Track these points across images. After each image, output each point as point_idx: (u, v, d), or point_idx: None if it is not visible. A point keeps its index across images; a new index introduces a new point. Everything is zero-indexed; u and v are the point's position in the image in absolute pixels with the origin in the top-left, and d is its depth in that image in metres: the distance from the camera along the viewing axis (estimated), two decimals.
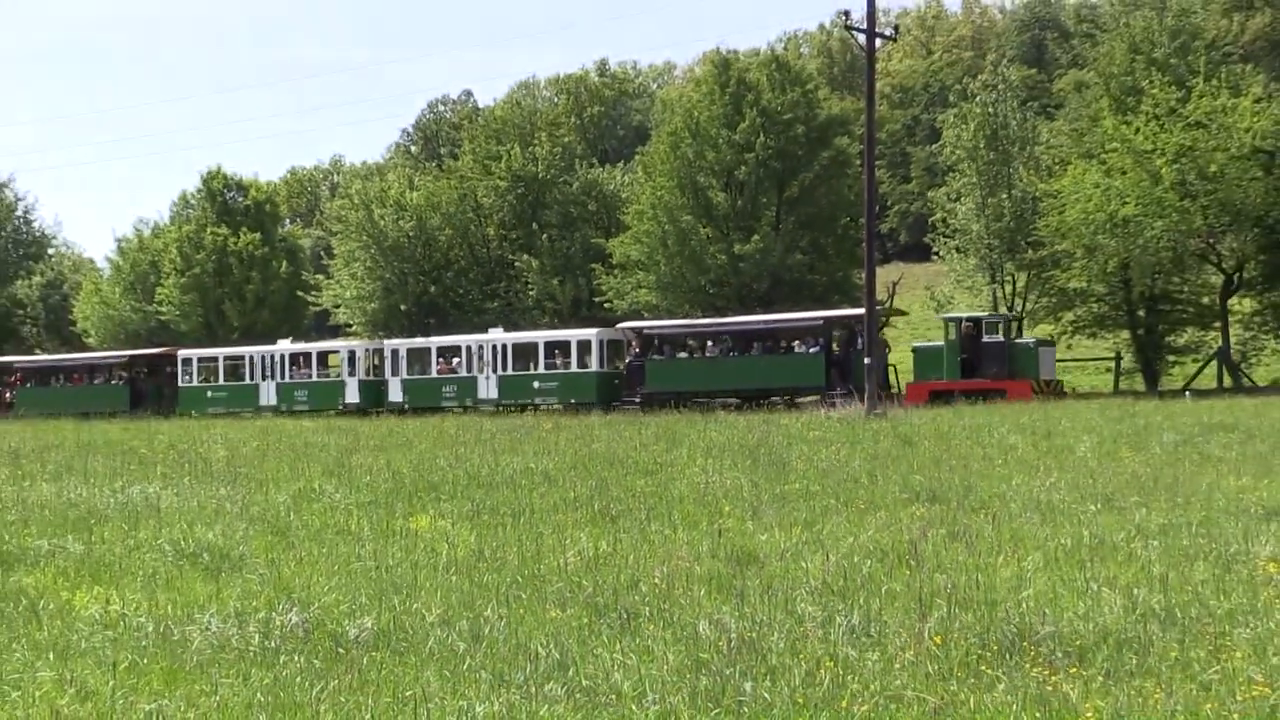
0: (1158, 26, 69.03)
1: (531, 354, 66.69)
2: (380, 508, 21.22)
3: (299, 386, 73.28)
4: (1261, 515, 17.52)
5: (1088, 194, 61.37)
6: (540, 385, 65.39)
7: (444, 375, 68.70)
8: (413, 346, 71.11)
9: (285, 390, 73.52)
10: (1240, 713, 9.08)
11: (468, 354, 68.10)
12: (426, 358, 70.09)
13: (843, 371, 58.25)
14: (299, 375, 73.69)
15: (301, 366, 73.94)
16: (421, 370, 69.99)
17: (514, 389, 66.15)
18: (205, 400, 75.69)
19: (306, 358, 74.27)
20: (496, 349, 67.24)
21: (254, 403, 73.84)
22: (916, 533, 16.50)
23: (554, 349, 66.14)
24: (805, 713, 9.40)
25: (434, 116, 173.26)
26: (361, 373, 71.15)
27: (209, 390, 76.24)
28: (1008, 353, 56.79)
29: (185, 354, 78.75)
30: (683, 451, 29.73)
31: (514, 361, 66.77)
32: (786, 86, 73.39)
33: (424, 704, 9.71)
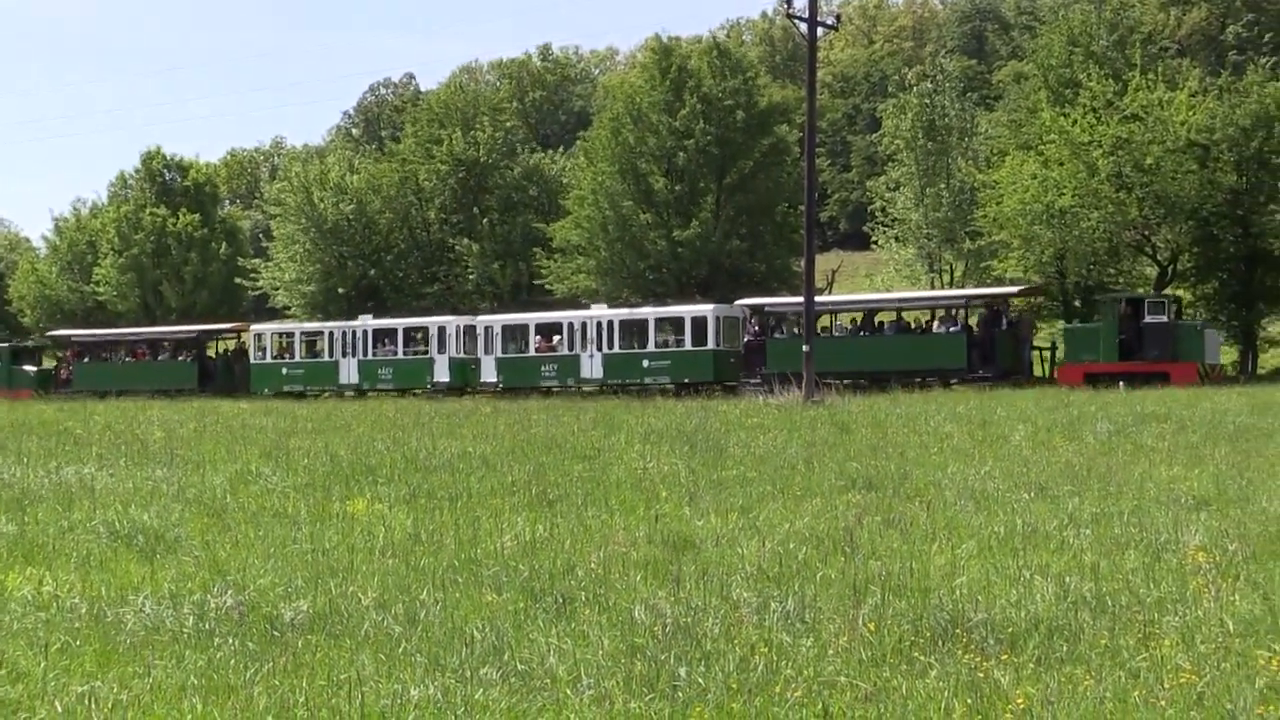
0: (1096, 20, 69.44)
1: (640, 331, 64.29)
2: (317, 491, 21.18)
3: (383, 364, 70.47)
4: (1191, 505, 17.67)
5: (1025, 185, 61.71)
6: (650, 364, 63.07)
7: (543, 354, 66.17)
8: (509, 323, 68.53)
9: (368, 368, 70.73)
10: (1168, 700, 9.18)
11: (569, 331, 65.49)
12: (524, 335, 67.50)
13: (984, 353, 56.85)
14: (383, 352, 70.92)
15: (386, 343, 71.21)
16: (518, 348, 67.46)
17: (621, 368, 63.90)
18: (280, 378, 72.92)
19: (391, 334, 71.35)
20: (601, 325, 64.66)
21: (334, 380, 71.40)
22: (852, 520, 16.58)
23: (665, 325, 63.98)
24: (739, 698, 9.45)
25: (375, 99, 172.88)
26: (452, 350, 68.47)
27: (284, 367, 73.49)
28: (1172, 334, 54.72)
29: (258, 329, 76.09)
30: (620, 437, 29.76)
31: (620, 339, 64.31)
32: (727, 73, 73.48)
33: (358, 687, 9.72)
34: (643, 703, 9.41)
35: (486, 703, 9.52)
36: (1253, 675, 9.67)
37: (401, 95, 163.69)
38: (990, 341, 57.06)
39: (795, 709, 9.22)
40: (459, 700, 9.54)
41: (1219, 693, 9.31)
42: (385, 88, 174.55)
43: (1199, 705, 9.11)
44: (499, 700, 9.56)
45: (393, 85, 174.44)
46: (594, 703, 9.48)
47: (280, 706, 9.45)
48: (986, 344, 57.09)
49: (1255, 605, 11.74)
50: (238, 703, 9.57)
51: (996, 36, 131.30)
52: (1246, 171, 62.30)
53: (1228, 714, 8.89)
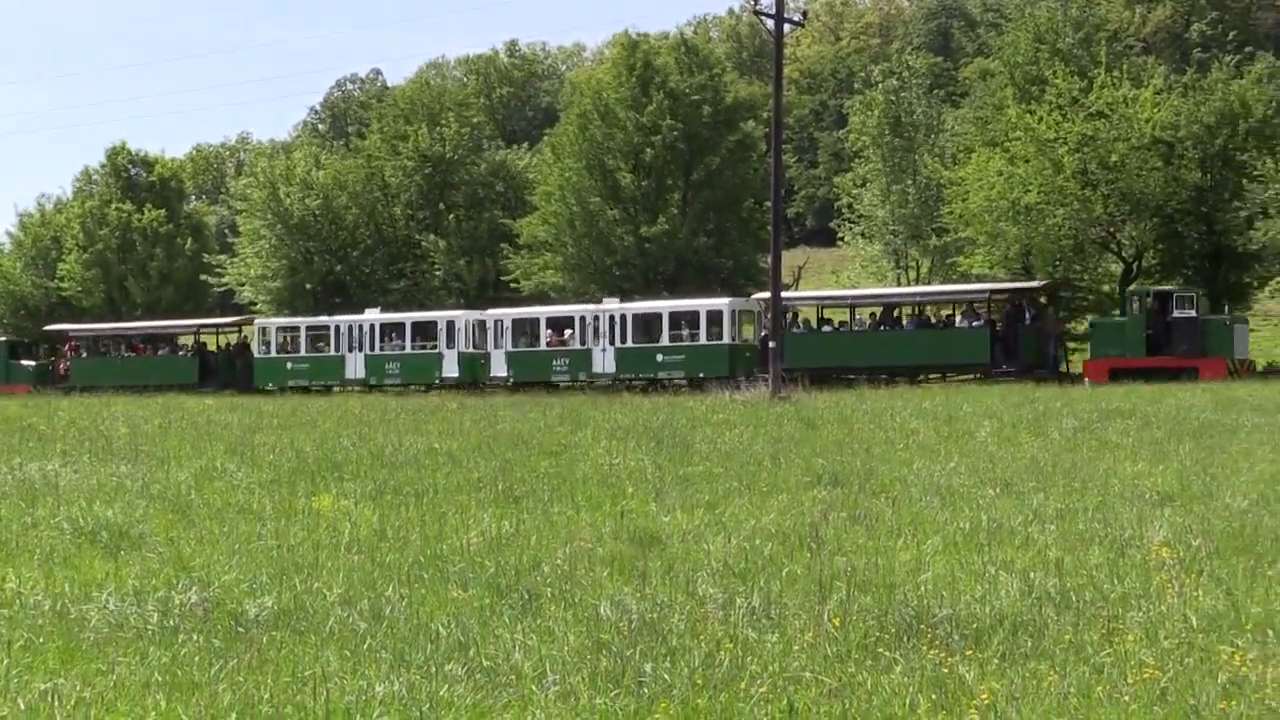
0: (1062, 17, 69.65)
1: (654, 325, 63.14)
2: (282, 487, 21.11)
3: (390, 359, 69.25)
4: (1155, 501, 17.73)
5: (991, 181, 61.88)
6: (664, 358, 61.81)
7: (554, 348, 64.86)
8: (519, 316, 67.02)
9: (374, 363, 69.36)
10: (1131, 695, 9.21)
11: (581, 325, 64.13)
12: (534, 329, 66.20)
13: (1007, 348, 56.03)
14: (390, 346, 69.63)
15: (393, 338, 69.89)
16: (529, 342, 66.14)
17: (634, 362, 62.66)
18: (285, 373, 71.37)
19: (399, 328, 69.96)
20: (615, 319, 63.33)
21: (339, 376, 70.21)
22: (818, 516, 16.59)
23: (680, 320, 62.69)
24: (704, 694, 9.46)
25: (342, 95, 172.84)
26: (461, 344, 67.17)
27: (289, 362, 71.95)
28: (1200, 329, 53.98)
29: (262, 323, 74.65)
30: (587, 433, 29.76)
31: (634, 333, 62.94)
32: (694, 70, 73.59)
33: (323, 684, 9.70)
34: (608, 699, 9.42)
35: (451, 699, 9.51)
36: (1215, 670, 9.71)
37: (368, 91, 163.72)
38: (1014, 336, 56.25)
39: (760, 705, 9.23)
40: (424, 696, 9.53)
41: (1182, 688, 9.34)
42: (352, 83, 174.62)
43: (1162, 700, 9.15)
44: (464, 696, 9.55)
45: (359, 81, 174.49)
46: (559, 699, 9.48)
47: (245, 703, 9.42)
48: (1010, 338, 56.29)
49: (1218, 601, 11.79)
50: (202, 699, 9.53)
51: (963, 34, 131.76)
52: (1211, 169, 62.57)
53: (1190, 709, 8.92)
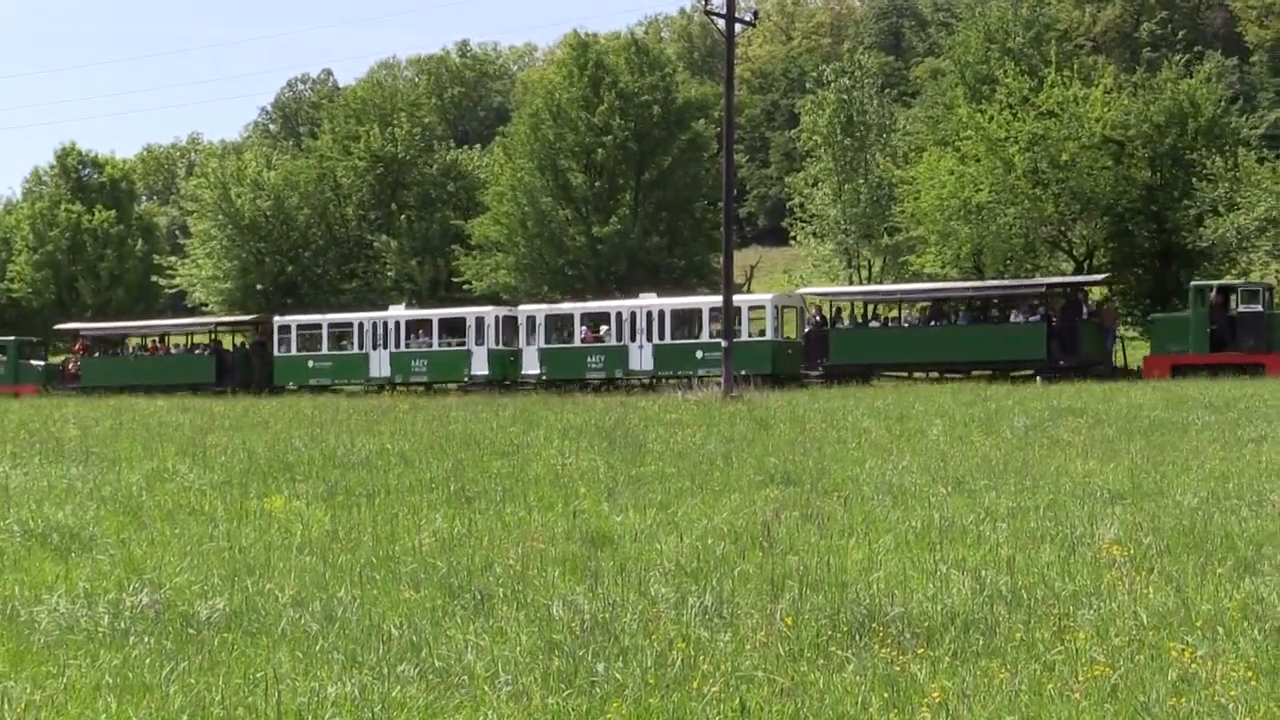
0: (1012, 17, 70.00)
1: (694, 321, 61.37)
2: (234, 488, 21.05)
3: (416, 356, 66.86)
4: (1106, 499, 17.79)
5: (942, 181, 62.10)
6: (704, 355, 59.16)
7: (589, 344, 62.86)
8: (552, 312, 64.75)
9: (400, 360, 67.08)
10: (1082, 692, 9.24)
11: (618, 321, 61.88)
12: (569, 325, 63.98)
13: (1064, 343, 54.35)
14: (417, 344, 67.20)
15: (420, 334, 67.47)
16: (563, 339, 64.02)
17: (672, 359, 60.43)
18: (306, 371, 69.22)
19: (426, 325, 67.62)
20: (652, 315, 61.23)
21: (363, 374, 67.92)
22: (770, 515, 16.61)
23: (721, 315, 59.53)
24: (657, 694, 9.46)
25: (293, 95, 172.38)
26: (491, 341, 64.71)
27: (311, 360, 69.46)
28: (1266, 324, 51.99)
29: (282, 320, 71.86)
30: (540, 433, 29.73)
31: (672, 329, 61.01)
32: (644, 70, 73.63)
33: (275, 685, 9.67)
34: (560, 699, 9.41)
35: (404, 700, 9.49)
36: (1165, 667, 9.75)
37: (319, 91, 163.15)
38: (1071, 331, 54.71)
39: (713, 704, 9.23)
40: (376, 698, 9.51)
41: (1132, 685, 9.39)
42: (303, 83, 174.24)
43: (1113, 697, 9.19)
44: (416, 698, 9.54)
45: (310, 81, 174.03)
46: (511, 699, 9.47)
47: (196, 705, 9.39)
48: (1067, 334, 54.73)
49: (1169, 598, 11.84)
50: (153, 701, 9.50)
51: (914, 33, 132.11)
52: (1160, 167, 62.93)
53: (1141, 706, 8.96)
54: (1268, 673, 9.61)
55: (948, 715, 8.92)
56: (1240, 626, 10.86)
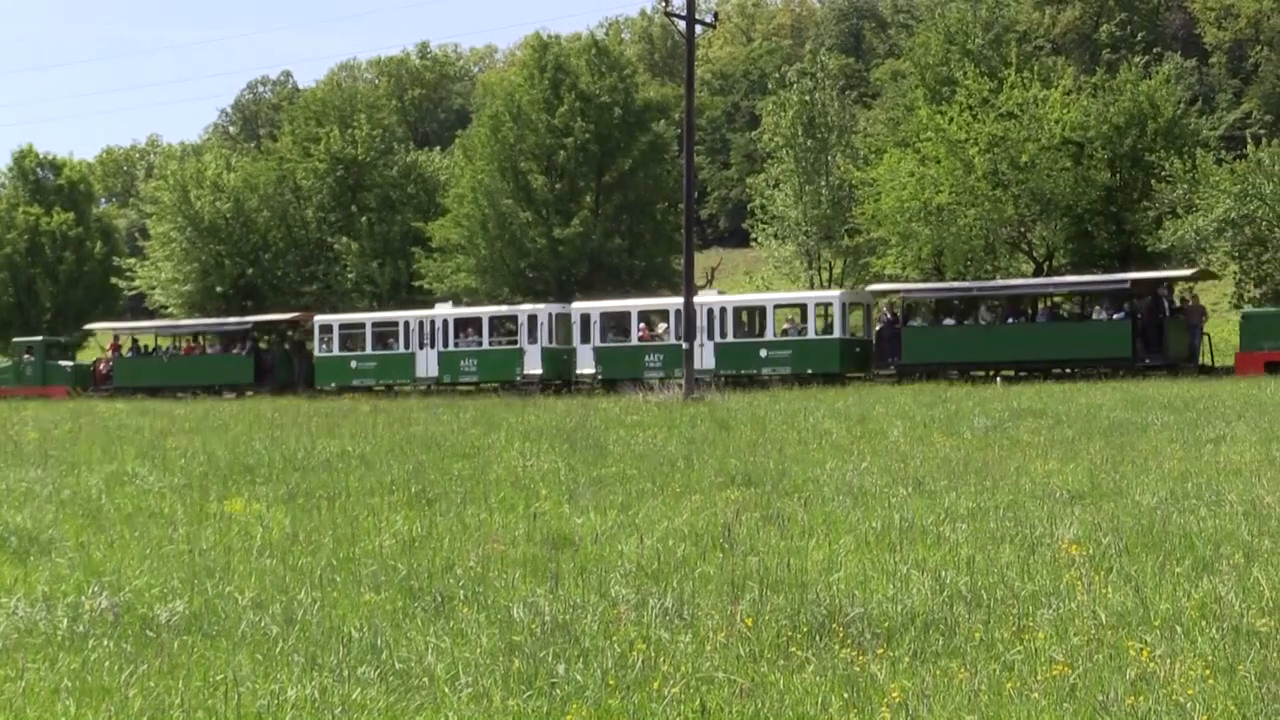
0: (972, 18, 70.08)
1: (758, 318, 60.43)
2: (194, 491, 21.02)
3: (465, 355, 65.21)
4: (1066, 499, 17.86)
5: (903, 182, 62.16)
6: (769, 354, 58.73)
7: (647, 343, 61.80)
8: (608, 310, 63.46)
9: (449, 360, 65.40)
10: (1041, 691, 9.28)
11: (676, 318, 59.84)
12: (626, 322, 62.65)
13: (1149, 341, 53.15)
14: (466, 342, 65.56)
15: (469, 333, 65.81)
16: (619, 337, 62.68)
17: (735, 358, 59.40)
18: (349, 372, 67.87)
19: (475, 323, 65.85)
20: (714, 313, 60.05)
21: (409, 374, 66.41)
22: (730, 516, 16.63)
23: (786, 312, 60.71)
24: (617, 695, 9.47)
25: (253, 97, 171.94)
26: (545, 339, 63.13)
27: (353, 360, 68.09)
28: None
29: (323, 319, 70.30)
30: (500, 435, 29.74)
31: (735, 327, 60.02)
32: (605, 71, 73.54)
33: (235, 688, 9.66)
34: (521, 700, 9.42)
35: (364, 702, 9.49)
36: (1124, 666, 9.80)
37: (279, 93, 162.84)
38: (1157, 329, 53.42)
39: (673, 705, 9.25)
40: (336, 700, 9.51)
41: (1091, 684, 9.42)
42: (263, 85, 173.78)
43: (1071, 697, 9.22)
44: (377, 699, 9.54)
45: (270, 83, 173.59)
46: (472, 701, 9.48)
47: (155, 708, 9.38)
48: (1152, 332, 53.47)
49: (1127, 597, 11.89)
50: (112, 705, 9.48)
51: (874, 35, 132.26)
52: (1120, 169, 63.13)
53: (1099, 705, 9.00)
54: (1225, 671, 9.66)
55: (907, 715, 8.94)
56: (1198, 626, 10.91)
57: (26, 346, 77.66)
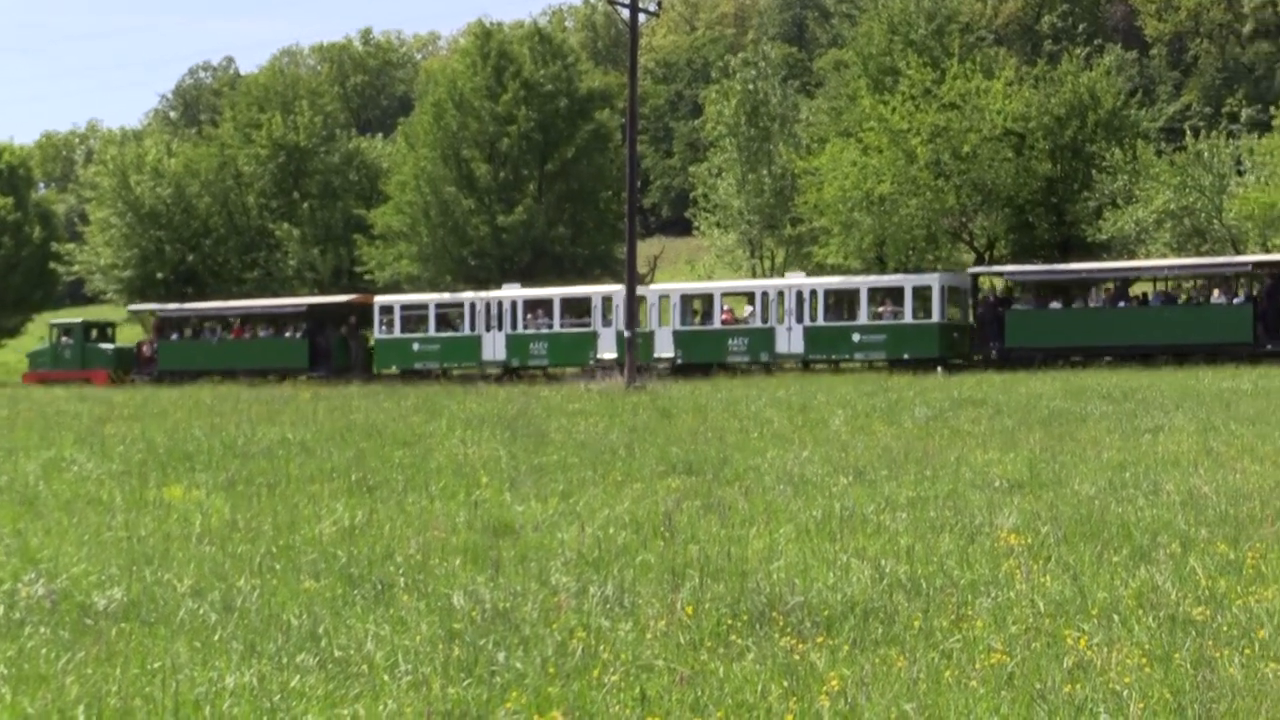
0: (915, 8, 70.33)
1: (850, 301, 58.48)
2: (133, 477, 20.90)
3: (536, 339, 63.15)
4: (1005, 488, 17.93)
5: (845, 171, 62.34)
6: (862, 338, 57.13)
7: (730, 326, 60.25)
8: (689, 292, 62.44)
9: (518, 343, 63.41)
10: (979, 679, 9.31)
11: (763, 301, 59.05)
12: (708, 305, 61.19)
13: (1270, 326, 51.60)
14: (536, 325, 63.59)
15: (540, 315, 63.89)
16: (701, 320, 61.33)
17: (825, 342, 57.76)
18: (410, 355, 65.61)
19: (546, 304, 63.78)
20: (803, 295, 58.34)
21: (475, 357, 64.31)
22: (671, 504, 16.65)
23: (881, 296, 58.40)
24: (556, 683, 9.46)
25: (194, 82, 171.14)
26: (619, 322, 59.95)
27: (415, 343, 65.75)
28: None
29: (384, 300, 67.58)
30: (442, 423, 29.69)
31: (825, 310, 58.05)
32: (548, 59, 73.49)
33: (173, 675, 9.61)
34: (460, 688, 9.39)
35: (303, 689, 9.45)
36: (1061, 655, 9.84)
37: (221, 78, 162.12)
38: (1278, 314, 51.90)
39: (613, 693, 9.24)
40: (275, 687, 9.46)
41: (1029, 672, 9.46)
42: (204, 71, 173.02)
43: (1009, 684, 9.26)
44: (315, 687, 9.50)
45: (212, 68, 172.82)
46: (411, 688, 9.45)
47: (92, 695, 9.31)
48: (1273, 316, 51.82)
49: (1065, 586, 11.94)
50: (48, 692, 9.41)
51: (817, 24, 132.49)
52: (1061, 159, 63.55)
53: (1036, 693, 9.03)
54: (1161, 659, 9.71)
55: (846, 703, 8.96)
56: (1135, 614, 10.97)
57: (65, 328, 74.85)
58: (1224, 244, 60.22)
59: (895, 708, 8.86)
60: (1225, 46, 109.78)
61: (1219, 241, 60.42)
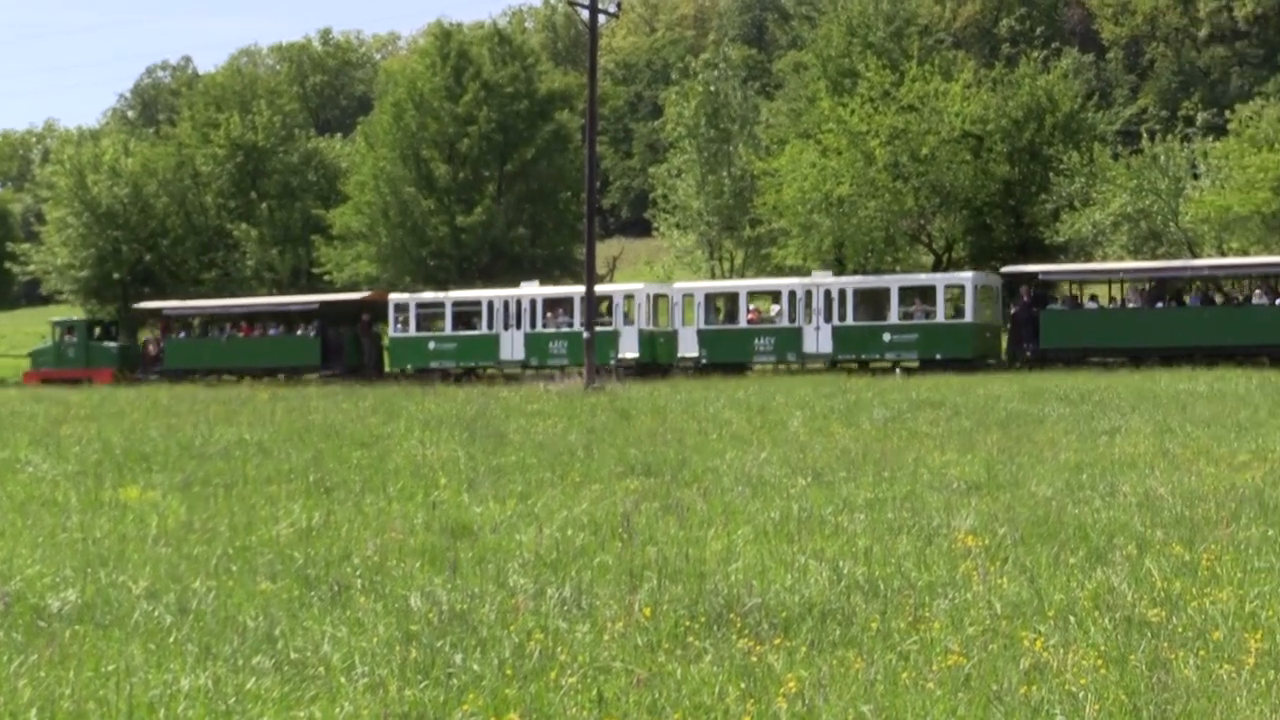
0: (874, 11, 70.62)
1: (880, 300, 57.41)
2: (89, 478, 20.79)
3: (555, 337, 61.66)
4: (963, 490, 17.97)
5: (804, 173, 62.45)
6: (893, 338, 56.03)
7: (756, 325, 59.03)
8: (714, 290, 61.30)
9: (536, 341, 61.95)
10: (936, 681, 9.32)
11: (790, 300, 57.89)
12: (733, 304, 59.97)
13: None
14: (556, 323, 62.17)
15: (559, 313, 62.46)
16: (726, 319, 60.06)
17: (855, 342, 56.64)
18: (426, 354, 63.92)
19: (565, 303, 62.19)
20: (831, 294, 57.21)
21: (493, 356, 62.71)
22: (630, 506, 16.63)
23: (912, 295, 57.03)
24: (514, 685, 9.43)
25: (152, 82, 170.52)
26: (642, 321, 60.08)
27: (431, 341, 64.15)
28: None
29: (399, 298, 65.66)
30: (400, 424, 29.61)
31: (855, 309, 56.92)
32: (508, 60, 73.53)
33: (127, 678, 9.55)
34: (417, 690, 9.37)
35: (259, 692, 9.41)
36: (1018, 656, 9.86)
37: (179, 78, 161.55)
38: None
39: (570, 695, 9.22)
40: (230, 690, 9.42)
41: (985, 674, 9.48)
42: (163, 70, 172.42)
43: (966, 686, 9.27)
44: (271, 689, 9.46)
45: (170, 68, 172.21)
46: (368, 690, 9.42)
47: (45, 698, 9.25)
48: None
49: (1022, 588, 11.96)
50: (1, 695, 9.35)
51: (777, 26, 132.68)
52: (1018, 162, 63.77)
53: (993, 694, 9.05)
54: (1117, 661, 9.74)
55: (804, 705, 8.96)
56: (1091, 616, 11.00)
57: (68, 326, 73.23)
58: (1180, 247, 60.55)
59: (852, 709, 8.87)
60: (1181, 50, 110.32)
61: (1175, 244, 60.74)
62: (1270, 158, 57.23)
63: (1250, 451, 22.04)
